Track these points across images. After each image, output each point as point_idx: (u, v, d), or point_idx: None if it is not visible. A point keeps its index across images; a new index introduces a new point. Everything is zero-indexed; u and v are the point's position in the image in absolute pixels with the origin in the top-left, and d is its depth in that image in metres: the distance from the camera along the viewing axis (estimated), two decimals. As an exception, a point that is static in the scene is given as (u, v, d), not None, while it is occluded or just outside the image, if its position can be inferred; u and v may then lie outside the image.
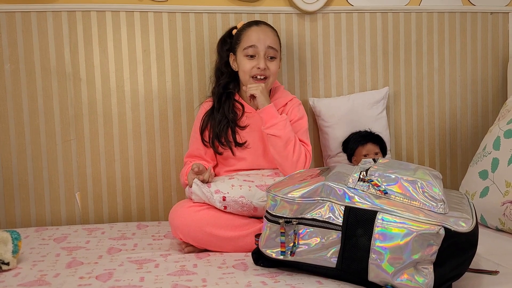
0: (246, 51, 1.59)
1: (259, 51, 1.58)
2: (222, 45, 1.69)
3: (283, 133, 1.50)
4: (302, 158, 1.52)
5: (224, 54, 1.67)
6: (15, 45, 1.74)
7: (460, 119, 2.06)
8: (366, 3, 1.94)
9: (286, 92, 1.71)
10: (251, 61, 1.59)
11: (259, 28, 1.62)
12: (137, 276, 1.20)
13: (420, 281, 1.04)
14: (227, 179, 1.47)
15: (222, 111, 1.61)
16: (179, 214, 1.41)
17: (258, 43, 1.58)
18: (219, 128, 1.59)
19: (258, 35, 1.59)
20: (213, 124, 1.61)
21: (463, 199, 1.24)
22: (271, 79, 1.62)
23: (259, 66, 1.57)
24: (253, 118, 1.62)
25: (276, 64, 1.62)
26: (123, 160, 1.81)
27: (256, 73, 1.59)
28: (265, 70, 1.58)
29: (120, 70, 1.80)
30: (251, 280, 1.15)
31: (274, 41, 1.61)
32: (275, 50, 1.60)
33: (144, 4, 1.80)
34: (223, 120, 1.60)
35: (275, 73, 1.63)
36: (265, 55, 1.59)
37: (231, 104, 1.63)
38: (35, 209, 1.78)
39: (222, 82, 1.65)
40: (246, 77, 1.60)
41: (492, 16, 2.05)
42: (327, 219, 1.11)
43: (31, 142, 1.76)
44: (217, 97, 1.64)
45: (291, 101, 1.66)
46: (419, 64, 2.01)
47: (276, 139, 1.51)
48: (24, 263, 1.30)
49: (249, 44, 1.58)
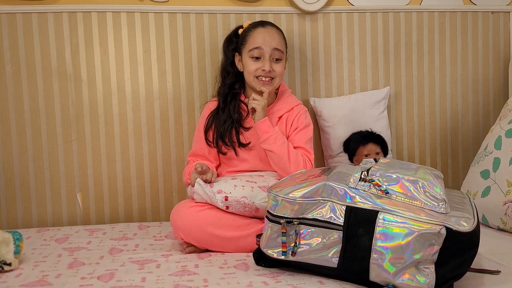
0: (252, 52, 1.58)
1: (264, 53, 1.57)
2: (228, 45, 1.69)
3: (275, 147, 1.51)
4: (301, 167, 1.51)
5: (229, 54, 1.67)
6: (16, 46, 1.74)
7: (461, 119, 2.06)
8: (367, 3, 1.94)
9: (293, 97, 1.69)
10: (256, 62, 1.58)
11: (265, 29, 1.60)
12: (138, 276, 1.20)
13: (421, 281, 1.03)
14: (230, 179, 1.47)
15: (227, 111, 1.60)
16: (180, 214, 1.41)
17: (264, 45, 1.57)
18: (224, 128, 1.59)
19: (264, 36, 1.58)
20: (218, 123, 1.60)
21: (465, 199, 1.24)
22: (277, 80, 1.61)
23: (264, 68, 1.56)
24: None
25: (282, 65, 1.61)
26: (124, 161, 1.81)
27: (260, 74, 1.58)
28: (270, 72, 1.57)
29: (121, 71, 1.80)
30: (252, 280, 1.15)
31: (279, 42, 1.60)
32: (280, 51, 1.59)
33: (145, 4, 1.80)
34: (228, 120, 1.59)
35: (281, 74, 1.61)
36: (270, 57, 1.57)
37: (237, 104, 1.62)
38: (37, 210, 1.78)
39: (228, 82, 1.64)
40: (251, 78, 1.59)
41: (493, 15, 2.05)
42: (328, 219, 1.11)
43: (33, 143, 1.76)
44: (222, 97, 1.63)
45: (297, 107, 1.64)
46: (420, 63, 2.00)
47: (271, 153, 1.52)
48: (25, 263, 1.30)
49: (254, 46, 1.57)
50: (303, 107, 1.66)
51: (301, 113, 1.63)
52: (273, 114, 1.62)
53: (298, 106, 1.65)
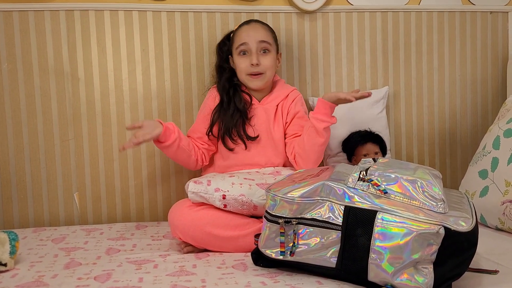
0: (239, 49, 1.62)
1: (250, 47, 1.61)
2: (221, 47, 1.73)
3: (327, 136, 1.53)
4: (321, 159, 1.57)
5: (223, 54, 1.71)
6: (13, 45, 1.73)
7: (459, 119, 2.06)
8: (366, 3, 1.93)
9: (287, 85, 1.74)
10: (245, 58, 1.62)
11: (249, 26, 1.65)
12: (135, 276, 1.19)
13: (420, 281, 1.03)
14: (228, 177, 1.46)
15: (233, 104, 1.61)
16: (178, 214, 1.41)
17: (248, 39, 1.61)
18: (233, 122, 1.59)
19: (247, 32, 1.63)
20: (225, 119, 1.61)
21: (463, 199, 1.24)
22: (268, 74, 1.64)
23: (252, 62, 1.60)
24: (257, 110, 1.65)
25: (271, 57, 1.63)
26: (121, 160, 1.80)
27: (251, 71, 1.61)
28: (259, 66, 1.60)
29: (118, 70, 1.79)
30: (250, 280, 1.15)
31: (264, 35, 1.63)
32: (267, 43, 1.62)
33: (143, 3, 1.79)
34: (236, 113, 1.61)
35: (271, 67, 1.64)
36: (257, 51, 1.61)
37: (240, 95, 1.64)
38: (33, 210, 1.77)
39: (225, 76, 1.67)
40: (243, 76, 1.64)
41: (492, 15, 2.05)
42: (327, 219, 1.11)
43: (29, 142, 1.76)
44: (224, 92, 1.64)
45: (292, 93, 1.69)
46: (419, 63, 2.00)
47: (321, 139, 1.52)
48: (21, 264, 1.29)
49: (240, 42, 1.62)
50: (298, 93, 1.70)
51: (298, 100, 1.67)
52: (270, 103, 1.66)
53: (293, 92, 1.69)
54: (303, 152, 1.55)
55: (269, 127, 1.64)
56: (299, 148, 1.56)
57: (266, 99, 1.67)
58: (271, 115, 1.65)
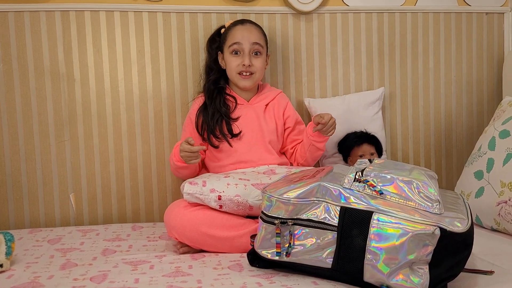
0: (231, 48, 1.65)
1: (243, 48, 1.63)
2: (211, 44, 1.75)
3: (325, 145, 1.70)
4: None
5: (213, 52, 1.73)
6: (8, 45, 1.72)
7: (455, 120, 2.06)
8: (362, 3, 1.94)
9: (273, 87, 1.80)
10: (237, 58, 1.65)
11: (244, 26, 1.67)
12: (131, 277, 1.19)
13: (415, 282, 1.03)
14: (223, 177, 1.46)
15: (214, 105, 1.65)
16: (174, 214, 1.40)
17: (242, 40, 1.63)
18: (213, 122, 1.63)
19: (242, 32, 1.65)
20: (206, 118, 1.64)
21: (459, 199, 1.24)
22: (257, 75, 1.68)
23: (244, 63, 1.63)
24: (245, 109, 1.68)
25: (262, 60, 1.67)
26: (117, 161, 1.80)
27: (241, 70, 1.64)
28: (250, 67, 1.64)
29: (114, 70, 1.79)
30: (246, 281, 1.14)
31: (258, 37, 1.66)
32: (259, 45, 1.66)
33: (139, 4, 1.79)
34: (216, 113, 1.64)
35: (261, 69, 1.68)
36: (250, 52, 1.64)
37: (223, 98, 1.68)
38: (29, 211, 1.76)
39: (212, 78, 1.70)
40: (233, 74, 1.67)
41: (487, 16, 2.06)
42: (323, 219, 1.11)
43: (25, 143, 1.75)
44: (208, 93, 1.69)
45: (280, 95, 1.75)
46: (415, 64, 2.01)
47: (319, 151, 1.68)
48: (17, 265, 1.29)
49: (233, 41, 1.64)
50: (285, 95, 1.79)
51: (289, 104, 1.76)
52: (260, 102, 1.71)
53: (281, 94, 1.77)
54: (305, 162, 1.71)
55: (260, 125, 1.67)
56: (301, 159, 1.71)
57: (255, 99, 1.71)
58: (261, 113, 1.69)
